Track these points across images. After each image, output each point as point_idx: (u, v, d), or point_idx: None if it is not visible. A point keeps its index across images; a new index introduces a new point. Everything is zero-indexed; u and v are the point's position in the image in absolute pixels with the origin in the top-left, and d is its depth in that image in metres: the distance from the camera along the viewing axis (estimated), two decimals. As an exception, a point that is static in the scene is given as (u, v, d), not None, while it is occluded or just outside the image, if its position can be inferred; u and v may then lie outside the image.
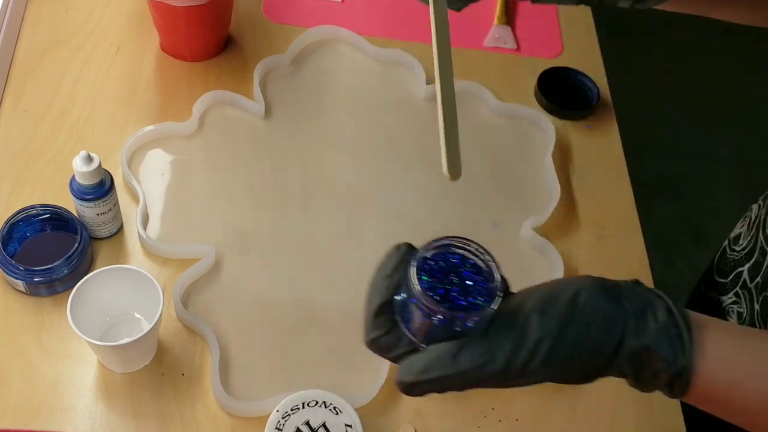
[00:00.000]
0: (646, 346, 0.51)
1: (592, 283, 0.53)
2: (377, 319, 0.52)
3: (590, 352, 0.51)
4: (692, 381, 0.52)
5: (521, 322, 0.51)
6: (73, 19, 1.03)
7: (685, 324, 0.52)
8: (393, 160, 0.96)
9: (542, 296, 0.52)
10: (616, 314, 0.52)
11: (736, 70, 2.30)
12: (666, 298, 0.54)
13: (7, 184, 0.87)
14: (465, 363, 0.50)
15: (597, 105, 1.02)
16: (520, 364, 0.50)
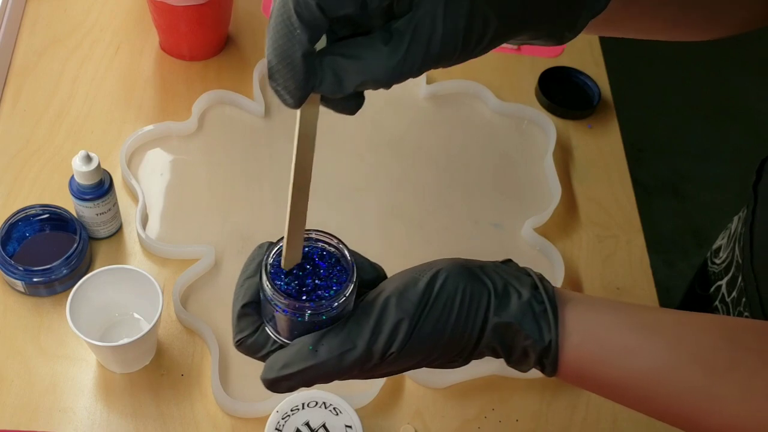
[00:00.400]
0: (508, 323, 0.51)
1: (452, 263, 0.52)
2: (242, 321, 0.52)
3: (453, 331, 0.51)
4: (560, 358, 0.52)
5: (380, 307, 0.50)
6: (72, 18, 1.02)
7: (549, 300, 0.52)
8: (393, 160, 0.95)
9: (401, 281, 0.52)
10: (478, 293, 0.51)
11: (736, 70, 2.30)
12: (534, 275, 0.54)
13: (5, 184, 0.87)
14: (324, 353, 0.49)
15: (598, 105, 1.01)
16: (381, 348, 0.50)
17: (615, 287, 0.88)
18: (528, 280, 0.53)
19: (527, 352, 0.52)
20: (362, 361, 0.50)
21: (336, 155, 0.95)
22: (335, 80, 0.44)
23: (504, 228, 0.91)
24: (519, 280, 0.53)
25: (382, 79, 0.45)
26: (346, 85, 0.45)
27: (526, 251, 0.90)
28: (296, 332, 0.50)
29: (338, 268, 0.52)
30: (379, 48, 0.44)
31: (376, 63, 0.44)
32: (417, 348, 0.51)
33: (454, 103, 1.01)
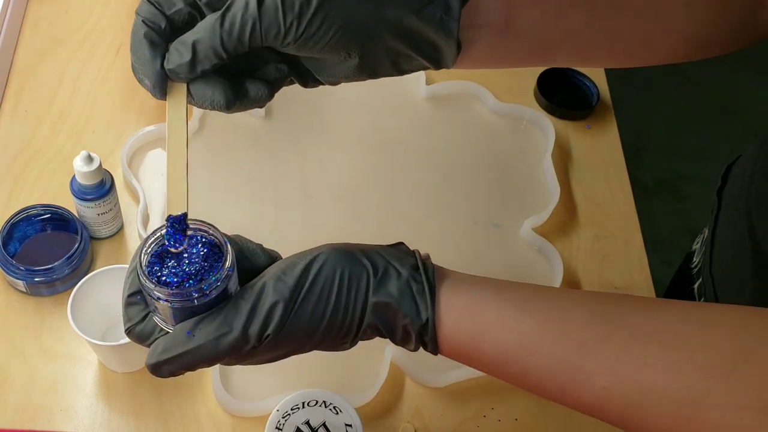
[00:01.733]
0: (386, 303, 0.52)
1: (332, 248, 0.54)
2: (130, 309, 0.53)
3: (333, 314, 0.52)
4: (438, 335, 0.53)
5: (258, 290, 0.51)
6: (73, 19, 1.03)
7: (427, 279, 0.53)
8: (393, 160, 0.96)
9: (280, 266, 0.53)
10: (357, 274, 0.52)
11: (736, 70, 2.31)
12: (418, 256, 0.55)
13: (7, 184, 0.87)
14: (201, 338, 0.50)
15: (597, 105, 1.02)
16: (257, 331, 0.50)
17: (613, 287, 0.89)
18: (410, 260, 0.54)
19: (407, 330, 0.53)
20: (239, 345, 0.51)
21: (336, 155, 0.95)
22: (177, 55, 0.52)
23: (503, 228, 0.92)
24: (401, 260, 0.54)
25: (210, 42, 0.51)
26: (185, 54, 0.52)
27: (525, 251, 0.90)
28: (178, 319, 0.51)
29: (218, 253, 0.53)
30: (208, 22, 0.52)
31: (205, 28, 0.51)
32: (296, 330, 0.52)
33: (453, 103, 1.01)
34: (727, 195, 0.85)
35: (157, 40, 0.53)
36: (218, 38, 0.51)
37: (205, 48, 0.52)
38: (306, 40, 0.52)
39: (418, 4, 0.53)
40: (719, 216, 0.85)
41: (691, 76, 2.29)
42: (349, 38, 0.53)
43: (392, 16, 0.53)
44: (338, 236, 0.89)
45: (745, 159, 0.85)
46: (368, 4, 0.53)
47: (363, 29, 0.53)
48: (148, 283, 0.50)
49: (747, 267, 0.76)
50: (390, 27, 0.54)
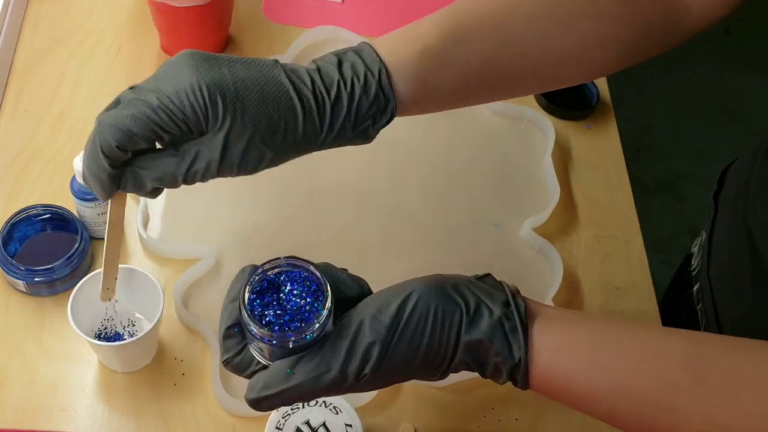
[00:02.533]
0: (479, 341, 0.53)
1: (426, 283, 0.54)
2: (227, 341, 0.55)
3: (426, 352, 0.53)
4: (530, 373, 0.53)
5: (354, 329, 0.52)
6: (73, 19, 1.03)
7: (519, 317, 0.53)
8: (392, 160, 0.96)
9: (375, 303, 0.54)
10: (450, 312, 0.53)
11: (736, 70, 2.31)
12: (508, 290, 0.55)
13: (7, 184, 0.87)
14: (300, 376, 0.52)
15: (596, 105, 1.02)
16: (355, 370, 0.52)
17: (613, 287, 0.89)
18: (501, 296, 0.55)
19: (499, 368, 0.54)
20: (337, 383, 0.52)
21: (336, 156, 0.95)
22: (135, 184, 0.58)
23: (503, 228, 0.92)
24: (491, 296, 0.54)
25: (172, 184, 0.57)
26: (145, 187, 0.58)
27: (525, 251, 0.90)
28: (277, 355, 0.53)
29: (314, 289, 0.54)
30: (168, 161, 0.56)
31: (166, 171, 0.56)
32: (391, 368, 0.53)
33: (453, 103, 1.01)
34: (723, 199, 0.85)
35: (115, 172, 0.57)
36: (177, 181, 0.57)
37: (159, 183, 0.57)
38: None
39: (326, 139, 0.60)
40: (716, 220, 0.85)
41: (692, 76, 2.29)
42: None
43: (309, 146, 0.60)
44: (339, 236, 0.89)
45: (740, 163, 0.85)
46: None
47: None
48: (252, 325, 0.51)
49: (745, 271, 0.76)
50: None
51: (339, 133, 0.59)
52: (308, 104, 0.57)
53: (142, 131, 0.55)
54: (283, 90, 0.57)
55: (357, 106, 0.59)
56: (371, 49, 0.60)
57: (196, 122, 0.55)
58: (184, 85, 0.55)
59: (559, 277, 0.86)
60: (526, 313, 0.54)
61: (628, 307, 0.87)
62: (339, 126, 0.59)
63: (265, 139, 0.57)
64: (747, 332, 0.69)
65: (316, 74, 0.59)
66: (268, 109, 0.56)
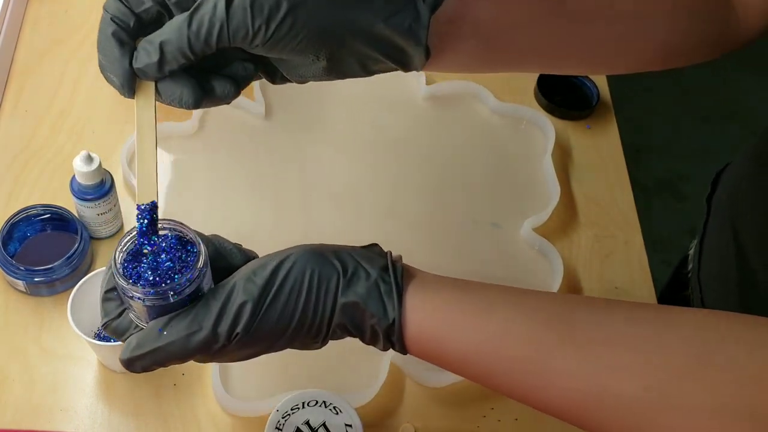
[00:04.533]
0: (354, 302, 0.53)
1: (303, 248, 0.54)
2: (107, 305, 0.54)
3: (302, 314, 0.53)
4: (405, 335, 0.53)
5: (227, 290, 0.52)
6: (73, 19, 1.03)
7: (395, 280, 0.53)
8: (393, 160, 0.96)
9: (251, 266, 0.54)
10: (327, 275, 0.53)
11: (736, 70, 2.30)
12: (389, 257, 0.55)
13: (7, 184, 0.87)
14: (172, 335, 0.51)
15: (597, 105, 1.02)
16: (226, 330, 0.51)
17: (614, 287, 0.89)
18: (380, 261, 0.55)
19: (375, 330, 0.54)
20: (209, 343, 0.52)
21: (335, 155, 0.95)
22: (145, 54, 0.52)
23: (503, 228, 0.92)
24: (371, 261, 0.55)
25: (177, 43, 0.51)
26: (153, 54, 0.52)
27: (525, 251, 0.90)
28: (152, 316, 0.53)
29: (191, 252, 0.54)
30: (176, 23, 0.51)
31: (172, 28, 0.51)
32: (265, 330, 0.52)
33: (453, 103, 1.01)
34: (715, 202, 0.85)
35: (125, 38, 0.52)
36: (186, 39, 0.51)
37: (172, 49, 0.52)
38: (274, 44, 0.52)
39: (387, 12, 0.54)
40: (708, 223, 0.85)
41: (692, 76, 2.29)
42: (318, 43, 0.53)
43: (361, 23, 0.53)
44: (337, 236, 0.89)
45: (733, 166, 0.85)
46: (337, 11, 0.53)
47: (331, 34, 0.53)
48: (123, 282, 0.51)
49: (732, 274, 0.76)
50: (359, 33, 0.54)
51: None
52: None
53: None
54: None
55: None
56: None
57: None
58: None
59: (559, 277, 0.86)
60: (403, 276, 0.54)
61: (628, 307, 0.87)
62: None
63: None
64: None
65: None
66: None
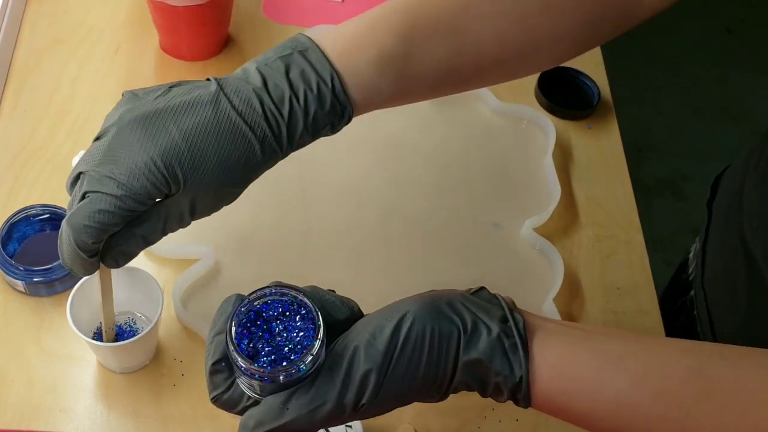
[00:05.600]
0: (477, 360, 0.51)
1: (420, 302, 0.52)
2: (215, 377, 0.53)
3: (425, 375, 0.51)
4: (531, 390, 0.52)
5: (348, 358, 0.51)
6: (72, 18, 1.02)
7: (518, 334, 0.52)
8: (393, 160, 0.96)
9: (368, 328, 0.52)
10: (447, 333, 0.51)
11: (737, 70, 2.30)
12: (505, 304, 0.53)
13: (6, 184, 0.87)
14: (295, 411, 0.50)
15: (597, 105, 1.01)
16: (352, 401, 0.50)
17: (615, 287, 0.88)
18: (498, 312, 0.53)
19: (500, 387, 0.52)
20: (334, 414, 0.50)
21: (335, 155, 0.95)
22: (116, 261, 0.60)
23: (504, 228, 0.91)
24: (488, 313, 0.53)
25: (152, 243, 0.60)
26: (129, 257, 0.60)
27: (526, 251, 0.90)
28: (269, 389, 0.51)
29: (305, 317, 0.52)
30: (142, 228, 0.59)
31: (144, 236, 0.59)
32: (389, 395, 0.51)
33: (453, 103, 1.01)
34: (716, 207, 0.85)
35: (96, 258, 0.59)
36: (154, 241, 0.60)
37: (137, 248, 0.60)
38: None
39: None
40: (710, 228, 0.85)
41: (692, 76, 2.28)
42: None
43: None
44: (338, 236, 0.89)
45: (733, 169, 0.85)
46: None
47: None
48: (240, 360, 0.49)
49: (740, 279, 0.75)
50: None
51: (299, 144, 0.59)
52: (263, 133, 0.56)
53: (114, 220, 0.55)
54: (237, 129, 0.56)
55: (313, 119, 0.58)
56: (318, 51, 0.59)
57: (160, 195, 0.56)
58: (139, 165, 0.54)
59: (559, 277, 0.86)
60: (525, 329, 0.52)
61: (629, 308, 0.87)
62: (297, 139, 0.58)
63: (229, 180, 0.57)
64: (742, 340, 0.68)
65: (263, 93, 0.57)
66: (225, 156, 0.56)
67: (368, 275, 0.86)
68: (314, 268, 0.86)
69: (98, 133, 0.57)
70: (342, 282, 0.85)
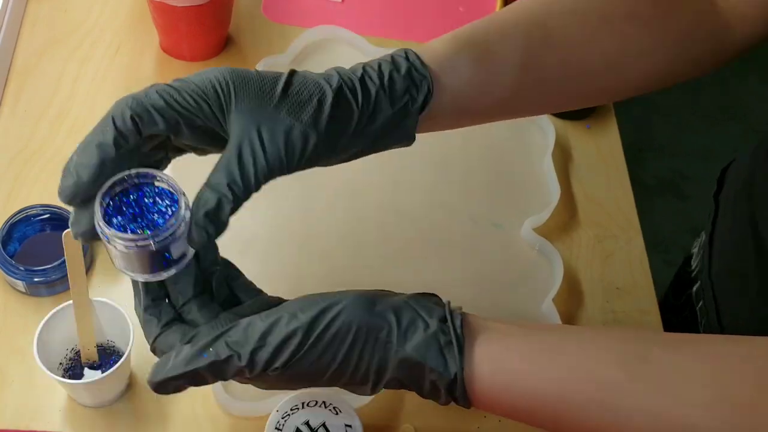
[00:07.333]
0: (411, 357, 0.51)
1: (355, 297, 0.53)
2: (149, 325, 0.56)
3: (342, 361, 0.52)
4: (473, 388, 0.52)
5: (272, 321, 0.52)
6: (72, 18, 1.02)
7: (454, 331, 0.52)
8: (392, 159, 0.95)
9: (299, 302, 0.53)
10: (375, 328, 0.52)
11: (737, 70, 2.30)
12: (448, 307, 0.54)
13: (6, 184, 0.87)
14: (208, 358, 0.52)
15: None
16: (264, 359, 0.51)
17: (615, 287, 0.89)
18: (439, 311, 0.53)
19: (436, 385, 0.52)
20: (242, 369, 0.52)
21: (336, 155, 0.95)
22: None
23: (503, 228, 0.91)
24: (429, 311, 0.53)
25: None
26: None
27: (526, 251, 0.90)
28: (144, 263, 0.54)
29: (170, 200, 0.56)
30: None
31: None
32: (303, 368, 0.52)
33: (453, 103, 1.01)
34: (724, 199, 0.85)
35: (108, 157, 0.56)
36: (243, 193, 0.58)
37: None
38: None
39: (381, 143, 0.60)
40: (717, 220, 0.85)
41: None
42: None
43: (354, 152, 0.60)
44: (338, 235, 0.89)
45: (740, 162, 0.85)
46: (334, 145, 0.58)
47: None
48: (106, 229, 0.53)
49: (750, 269, 0.75)
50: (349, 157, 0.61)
51: (376, 106, 0.57)
52: (338, 84, 0.56)
53: (164, 105, 0.54)
54: (307, 77, 0.56)
55: (389, 79, 0.57)
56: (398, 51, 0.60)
57: (217, 102, 0.54)
58: (208, 75, 0.55)
59: (559, 277, 0.86)
60: (462, 327, 0.52)
61: (628, 307, 0.87)
62: (374, 98, 0.57)
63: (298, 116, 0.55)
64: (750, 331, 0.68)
65: (340, 68, 0.58)
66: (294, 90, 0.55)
67: (368, 275, 0.86)
68: (314, 268, 0.86)
69: None
70: (341, 281, 0.85)
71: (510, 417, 0.54)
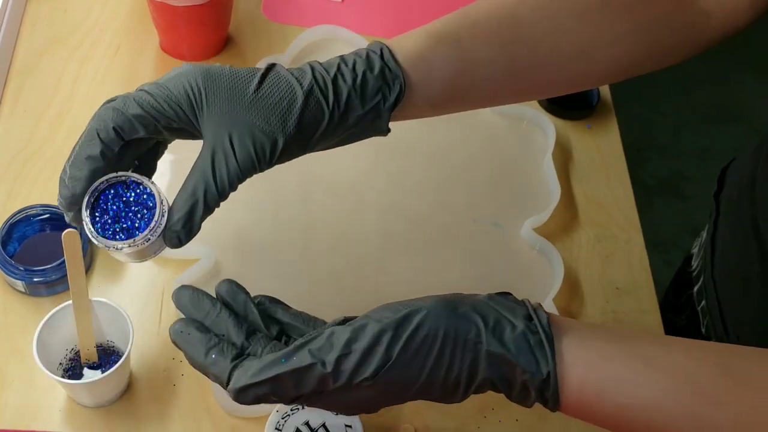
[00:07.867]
0: (501, 355, 0.50)
1: (437, 301, 0.52)
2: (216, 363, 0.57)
3: (432, 368, 0.51)
4: (563, 390, 0.51)
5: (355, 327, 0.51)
6: (72, 18, 1.02)
7: (543, 330, 0.51)
8: (393, 160, 0.95)
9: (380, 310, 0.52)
10: (463, 329, 0.50)
11: (736, 70, 2.30)
12: (529, 305, 0.53)
13: (6, 184, 0.87)
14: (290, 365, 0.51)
15: (597, 104, 1.01)
16: (350, 369, 0.50)
17: (614, 287, 0.88)
18: (522, 310, 0.52)
19: (527, 385, 0.51)
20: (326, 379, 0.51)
21: (335, 155, 0.95)
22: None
23: (503, 228, 0.91)
24: (513, 311, 0.52)
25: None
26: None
27: (526, 251, 0.90)
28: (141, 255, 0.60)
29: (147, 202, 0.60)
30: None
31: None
32: (393, 377, 0.50)
33: (453, 103, 1.01)
34: (725, 198, 0.85)
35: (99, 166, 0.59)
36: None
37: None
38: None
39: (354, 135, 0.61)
40: (718, 220, 0.85)
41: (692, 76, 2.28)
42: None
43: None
44: (338, 235, 0.89)
45: (741, 161, 0.85)
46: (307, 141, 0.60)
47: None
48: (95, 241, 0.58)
49: (753, 271, 0.75)
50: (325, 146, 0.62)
51: (347, 106, 0.58)
52: (309, 85, 0.57)
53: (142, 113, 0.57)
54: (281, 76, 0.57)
55: (362, 78, 0.58)
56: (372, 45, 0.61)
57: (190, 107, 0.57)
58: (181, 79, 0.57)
59: (559, 277, 0.86)
60: (550, 326, 0.51)
61: (628, 307, 0.87)
62: (345, 99, 0.58)
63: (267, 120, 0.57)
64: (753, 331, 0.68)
65: (315, 64, 0.59)
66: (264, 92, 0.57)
67: (368, 275, 0.86)
68: (314, 268, 0.86)
69: None
70: (341, 282, 0.85)
71: (596, 423, 0.53)
